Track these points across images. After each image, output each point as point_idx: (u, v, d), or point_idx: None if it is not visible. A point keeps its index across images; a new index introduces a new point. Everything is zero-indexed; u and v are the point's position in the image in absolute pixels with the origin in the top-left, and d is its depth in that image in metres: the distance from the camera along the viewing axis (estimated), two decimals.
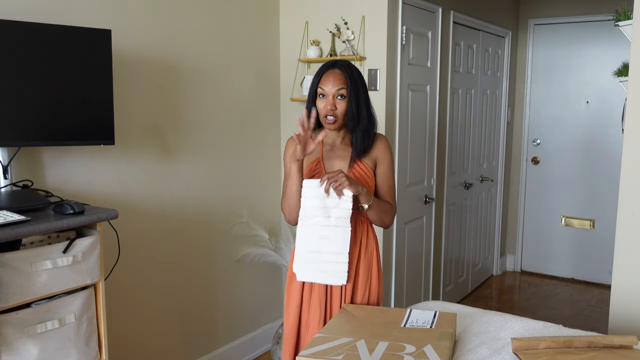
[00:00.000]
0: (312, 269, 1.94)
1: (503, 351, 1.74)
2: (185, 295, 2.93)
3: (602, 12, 4.48)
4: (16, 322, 1.74)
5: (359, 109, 1.92)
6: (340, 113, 1.92)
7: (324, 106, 1.92)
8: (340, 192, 1.86)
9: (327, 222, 1.90)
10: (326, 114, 1.92)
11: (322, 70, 1.95)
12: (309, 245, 1.93)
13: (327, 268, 1.92)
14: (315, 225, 1.91)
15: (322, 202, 1.89)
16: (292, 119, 3.40)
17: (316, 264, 1.93)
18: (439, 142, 3.78)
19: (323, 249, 1.91)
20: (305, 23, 3.29)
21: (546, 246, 5.10)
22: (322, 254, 1.92)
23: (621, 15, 2.43)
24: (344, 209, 1.88)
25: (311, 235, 1.92)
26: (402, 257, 3.44)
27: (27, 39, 1.95)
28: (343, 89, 1.90)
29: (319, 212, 1.90)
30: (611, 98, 4.60)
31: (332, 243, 1.90)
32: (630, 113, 2.36)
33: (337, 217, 1.89)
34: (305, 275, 1.97)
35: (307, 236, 1.93)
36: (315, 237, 1.91)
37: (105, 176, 2.48)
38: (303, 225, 1.93)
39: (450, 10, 3.76)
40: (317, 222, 1.90)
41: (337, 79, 1.91)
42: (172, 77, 2.77)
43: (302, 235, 1.94)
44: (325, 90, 1.91)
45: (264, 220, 3.29)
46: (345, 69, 1.92)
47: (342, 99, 1.91)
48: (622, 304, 2.45)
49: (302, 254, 1.95)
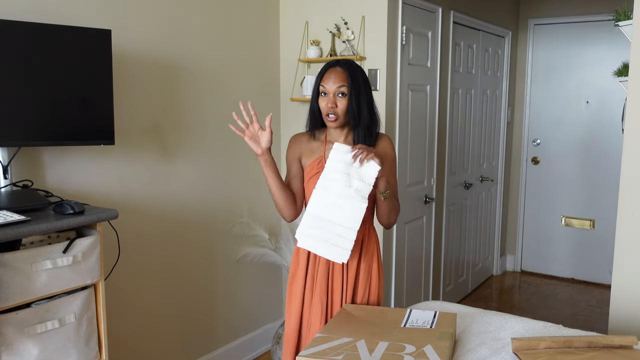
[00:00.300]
0: (316, 236, 1.85)
1: (503, 351, 1.74)
2: (185, 295, 2.93)
3: (602, 12, 4.48)
4: (16, 322, 1.74)
5: (359, 107, 1.92)
6: (341, 111, 1.92)
7: (325, 104, 1.92)
8: (368, 159, 1.80)
9: (346, 192, 1.82)
10: (327, 112, 1.92)
11: (324, 69, 1.95)
12: (320, 209, 1.84)
13: (332, 240, 1.83)
14: (332, 190, 1.83)
15: (347, 169, 1.82)
16: (292, 119, 3.40)
17: (322, 232, 1.84)
18: (439, 142, 3.78)
19: (334, 218, 1.83)
20: (305, 23, 3.29)
21: (546, 246, 5.10)
22: (331, 224, 1.83)
23: (621, 15, 2.43)
24: (366, 183, 1.81)
25: (325, 199, 1.83)
26: (402, 257, 3.44)
27: (27, 39, 1.95)
28: (343, 86, 1.90)
29: (341, 178, 1.82)
30: (611, 98, 4.60)
31: (344, 214, 1.82)
32: (630, 113, 2.36)
33: (357, 189, 1.82)
34: (307, 242, 1.88)
35: (320, 199, 1.84)
36: (329, 203, 1.83)
37: (105, 176, 2.48)
38: (320, 186, 1.86)
39: (450, 10, 3.76)
40: (337, 187, 1.82)
41: (338, 77, 1.91)
42: (172, 77, 2.77)
43: (315, 198, 1.86)
44: (326, 88, 1.92)
45: (264, 220, 3.28)
46: (347, 67, 1.93)
47: (342, 96, 1.91)
48: (622, 304, 2.45)
49: (310, 218, 1.86)
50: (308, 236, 1.87)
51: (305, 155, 2.03)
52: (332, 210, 1.84)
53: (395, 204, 2.00)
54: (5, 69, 1.92)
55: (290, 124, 3.41)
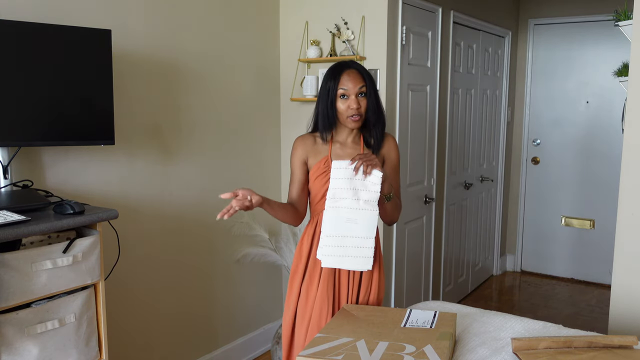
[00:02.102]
0: (337, 254, 1.90)
1: (503, 351, 1.74)
2: (185, 295, 2.93)
3: (602, 12, 4.49)
4: (16, 322, 1.74)
5: (378, 104, 1.98)
6: (364, 111, 1.95)
7: (348, 106, 1.94)
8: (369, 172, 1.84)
9: (356, 205, 1.86)
10: (352, 114, 1.93)
11: (339, 72, 1.95)
12: (337, 229, 1.89)
13: (353, 253, 1.89)
14: (344, 208, 1.87)
15: (351, 184, 1.86)
16: (292, 119, 3.40)
17: (342, 249, 1.89)
18: (439, 142, 3.78)
19: (350, 233, 1.88)
20: (305, 23, 3.29)
21: (546, 246, 5.10)
22: (349, 239, 1.88)
23: (621, 15, 2.43)
24: (373, 191, 1.85)
25: (339, 218, 1.88)
26: (402, 257, 3.44)
27: (28, 39, 1.95)
28: (364, 86, 1.94)
29: (348, 194, 1.86)
30: (611, 98, 4.60)
31: (359, 227, 1.87)
32: (630, 113, 2.36)
33: (366, 200, 1.86)
34: (329, 261, 1.93)
35: (334, 219, 1.88)
36: (343, 220, 1.88)
37: (105, 176, 2.48)
38: (331, 207, 1.90)
39: (450, 10, 3.76)
40: (346, 204, 1.87)
41: (357, 78, 1.94)
42: (172, 77, 2.77)
43: (329, 218, 1.90)
44: (348, 90, 1.93)
45: (264, 220, 3.28)
46: (361, 67, 1.98)
47: (363, 96, 1.94)
48: (622, 304, 2.45)
49: (328, 238, 1.90)
50: (329, 256, 1.92)
51: (311, 156, 2.04)
52: (346, 226, 1.89)
53: (398, 203, 2.04)
54: (6, 69, 1.92)
55: (290, 124, 3.41)
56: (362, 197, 1.87)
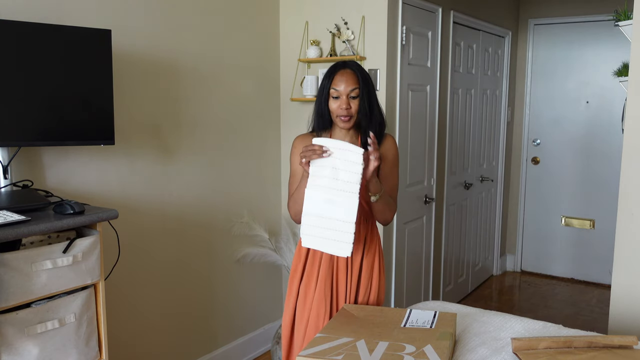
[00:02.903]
0: (317, 234, 1.87)
1: (503, 351, 1.74)
2: (185, 295, 2.93)
3: (602, 12, 4.49)
4: (16, 322, 1.74)
5: (371, 107, 1.96)
6: (354, 112, 1.94)
7: (338, 106, 1.93)
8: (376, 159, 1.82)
9: (335, 185, 1.82)
10: (341, 114, 1.93)
11: (334, 71, 1.96)
12: (315, 207, 1.85)
13: (332, 236, 1.85)
14: (323, 187, 1.84)
15: (331, 162, 1.82)
16: (292, 119, 3.40)
17: (321, 230, 1.86)
18: (439, 142, 3.78)
19: (329, 214, 1.84)
20: (305, 23, 3.29)
21: (546, 246, 5.10)
22: (328, 220, 1.84)
23: (621, 15, 2.43)
24: (353, 172, 1.81)
25: (318, 196, 1.84)
26: (402, 257, 3.44)
27: (28, 39, 1.95)
28: (356, 88, 1.92)
29: (327, 173, 1.82)
30: (611, 98, 4.60)
31: (338, 209, 1.83)
32: (630, 113, 2.36)
33: (346, 182, 1.82)
34: (310, 241, 1.90)
35: (314, 197, 1.85)
36: (322, 199, 1.84)
37: (105, 176, 2.48)
38: (311, 185, 1.87)
39: (450, 10, 3.76)
40: (325, 183, 1.83)
41: (350, 79, 1.92)
42: (172, 77, 2.77)
43: (309, 197, 1.86)
44: (339, 91, 1.93)
45: (264, 220, 3.29)
46: (357, 69, 1.96)
47: (355, 98, 1.93)
48: (622, 304, 2.45)
49: (308, 217, 1.87)
50: (310, 236, 1.88)
51: None
52: (326, 207, 1.84)
53: (390, 203, 2.00)
54: (5, 69, 1.92)
55: (291, 124, 3.41)
56: (342, 178, 1.82)
